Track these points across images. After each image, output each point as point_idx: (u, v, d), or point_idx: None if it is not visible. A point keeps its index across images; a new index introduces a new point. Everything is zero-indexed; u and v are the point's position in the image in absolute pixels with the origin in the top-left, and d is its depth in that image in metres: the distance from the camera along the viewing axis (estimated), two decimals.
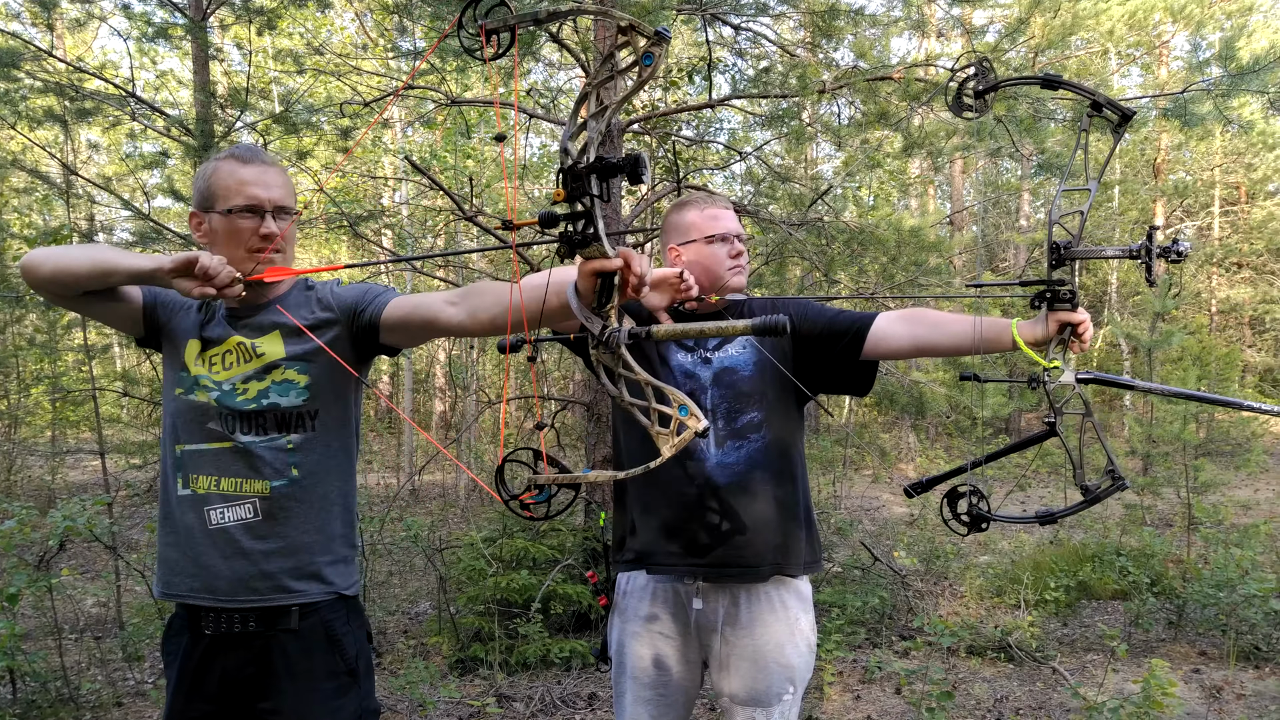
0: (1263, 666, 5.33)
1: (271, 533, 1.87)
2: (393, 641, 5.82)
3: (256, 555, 1.85)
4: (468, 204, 5.77)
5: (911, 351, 2.25)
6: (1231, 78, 5.20)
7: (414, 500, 11.50)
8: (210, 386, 1.89)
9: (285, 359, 1.90)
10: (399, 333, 1.92)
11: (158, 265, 1.76)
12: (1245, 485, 12.37)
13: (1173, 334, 7.27)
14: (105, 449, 6.37)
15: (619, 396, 1.54)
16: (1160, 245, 1.71)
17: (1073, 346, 1.90)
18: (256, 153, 1.90)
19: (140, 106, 6.52)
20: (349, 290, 1.98)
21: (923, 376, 6.79)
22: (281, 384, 1.89)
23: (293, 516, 1.89)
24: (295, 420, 1.89)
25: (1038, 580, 6.51)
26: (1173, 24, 15.04)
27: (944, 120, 6.10)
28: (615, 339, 1.50)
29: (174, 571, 1.91)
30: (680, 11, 5.61)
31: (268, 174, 1.88)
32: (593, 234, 1.45)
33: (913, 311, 2.25)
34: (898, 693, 4.89)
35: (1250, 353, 23.05)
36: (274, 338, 1.91)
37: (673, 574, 2.25)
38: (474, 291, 1.82)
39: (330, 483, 1.95)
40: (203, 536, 1.86)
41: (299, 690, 1.87)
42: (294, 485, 1.89)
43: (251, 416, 1.88)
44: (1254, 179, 22.43)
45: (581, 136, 1.47)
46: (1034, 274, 13.34)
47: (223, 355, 1.91)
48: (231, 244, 1.86)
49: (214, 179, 1.87)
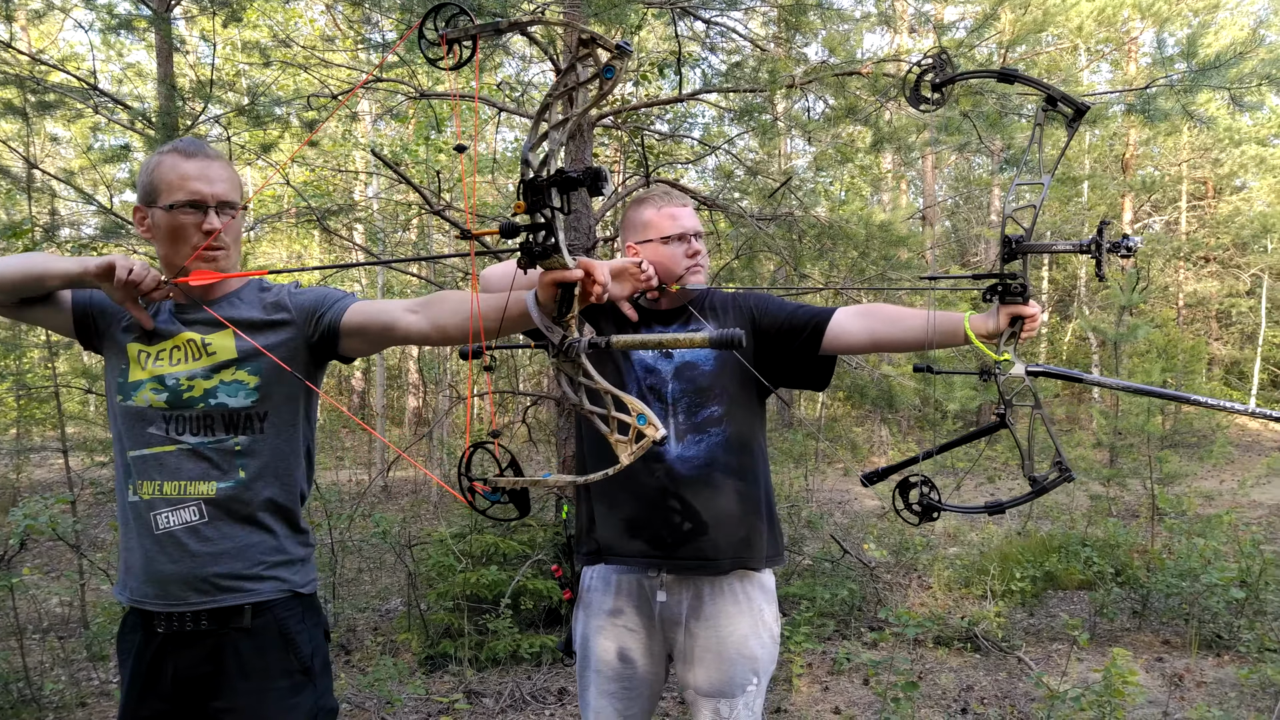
0: (1223, 654, 5.42)
1: (219, 534, 1.84)
2: (362, 639, 5.78)
3: (204, 558, 1.83)
4: (436, 199, 5.73)
5: (869, 346, 2.27)
6: (1194, 74, 5.26)
7: (386, 497, 11.44)
8: (156, 386, 1.86)
9: (236, 359, 1.87)
10: (357, 339, 1.91)
11: (84, 268, 1.75)
12: (1211, 476, 12.56)
13: (1139, 327, 7.34)
14: (69, 446, 6.27)
15: (579, 404, 1.55)
16: (1111, 240, 1.73)
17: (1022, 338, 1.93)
18: (200, 146, 1.87)
19: (103, 99, 6.43)
20: (307, 294, 1.95)
21: (892, 371, 6.83)
22: (231, 384, 1.86)
23: (240, 518, 1.86)
24: (244, 422, 1.86)
25: (1005, 571, 6.58)
26: (1141, 20, 15.20)
27: (913, 116, 6.13)
28: (575, 348, 1.52)
29: (129, 574, 1.89)
30: (650, 5, 5.61)
31: (211, 168, 1.85)
32: (553, 245, 1.47)
33: (870, 307, 2.27)
34: (866, 684, 4.92)
35: (1216, 345, 23.38)
36: (226, 335, 1.88)
37: (635, 567, 2.26)
38: (435, 300, 1.82)
39: (280, 484, 1.92)
40: (151, 542, 1.84)
41: (252, 689, 1.85)
42: (241, 487, 1.86)
43: (199, 418, 1.85)
44: (1220, 174, 22.74)
45: (542, 147, 1.48)
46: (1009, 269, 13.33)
47: (170, 350, 1.88)
48: (173, 240, 1.83)
49: (156, 173, 1.83)
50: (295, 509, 1.97)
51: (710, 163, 8.11)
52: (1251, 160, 21.17)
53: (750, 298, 2.41)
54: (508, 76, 9.52)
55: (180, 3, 6.19)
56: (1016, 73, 1.95)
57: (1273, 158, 21.06)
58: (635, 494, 2.23)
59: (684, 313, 2.35)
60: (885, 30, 15.65)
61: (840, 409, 17.71)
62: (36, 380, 7.84)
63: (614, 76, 1.47)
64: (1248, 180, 23.04)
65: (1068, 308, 23.58)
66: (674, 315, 2.36)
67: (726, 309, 2.37)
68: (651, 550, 2.22)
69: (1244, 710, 4.49)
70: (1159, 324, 14.59)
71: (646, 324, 2.34)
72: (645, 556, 2.23)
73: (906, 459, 2.06)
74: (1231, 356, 23.82)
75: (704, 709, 2.25)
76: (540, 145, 1.48)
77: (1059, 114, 1.92)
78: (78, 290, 1.92)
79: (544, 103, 1.50)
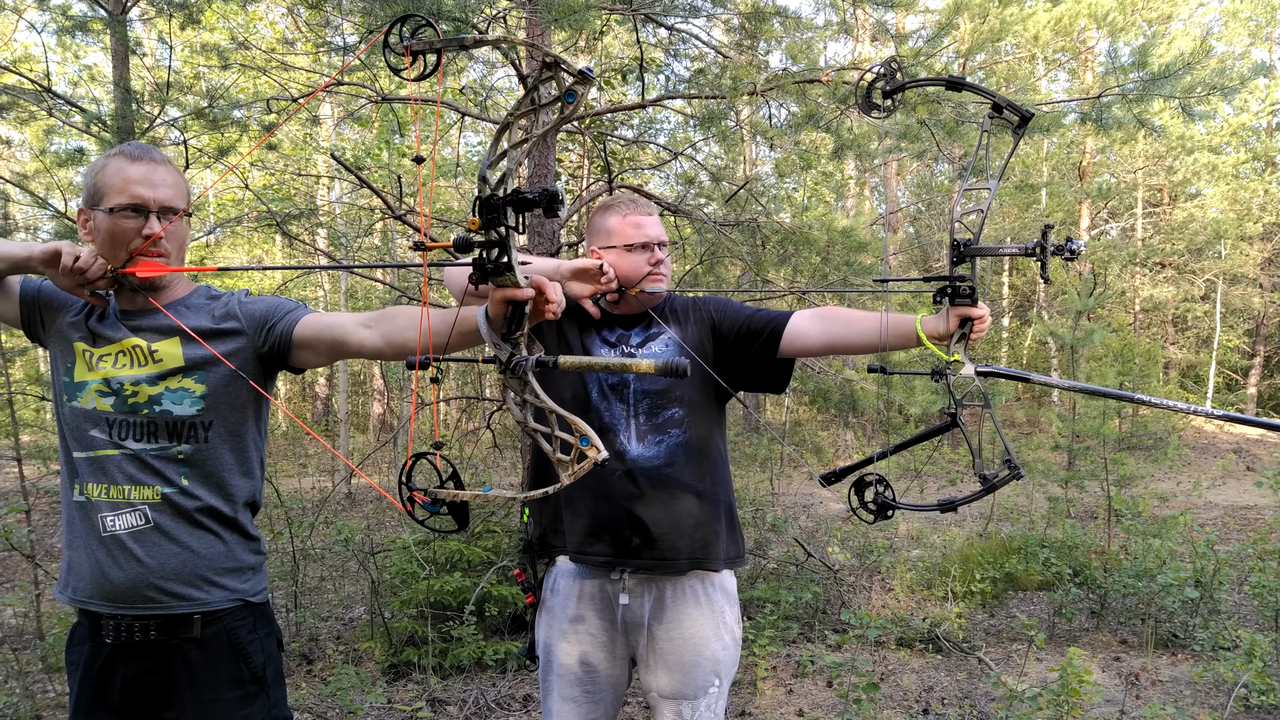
0: (1178, 653, 5.52)
1: (165, 540, 1.82)
2: (324, 648, 5.72)
3: (150, 564, 1.81)
4: (398, 203, 5.70)
5: (825, 349, 2.30)
6: (1146, 83, 5.37)
7: (350, 504, 11.33)
8: (102, 389, 1.84)
9: (183, 367, 1.85)
10: (308, 351, 1.90)
11: (29, 253, 1.74)
12: (1168, 478, 12.77)
13: (1094, 331, 7.48)
14: (23, 455, 6.15)
15: (524, 422, 1.57)
16: (1055, 243, 1.77)
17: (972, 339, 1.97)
18: (147, 150, 1.85)
19: (58, 102, 6.32)
20: (258, 303, 1.94)
21: (854, 375, 6.89)
22: (176, 391, 1.84)
23: (186, 525, 1.85)
24: (187, 430, 1.85)
25: (966, 573, 6.65)
26: (1097, 30, 15.49)
27: (873, 123, 6.20)
28: (523, 366, 1.54)
29: (74, 574, 1.86)
30: (613, 12, 5.62)
31: (156, 172, 1.83)
32: (505, 263, 1.50)
33: (826, 310, 2.31)
34: (829, 686, 4.96)
35: (1172, 349, 23.83)
36: (173, 343, 1.86)
37: (598, 569, 2.27)
38: (387, 316, 1.83)
39: (226, 491, 1.91)
40: (97, 544, 1.82)
41: (202, 700, 1.84)
42: (185, 495, 1.85)
43: (143, 424, 1.83)
44: (1175, 181, 23.19)
45: (500, 166, 1.49)
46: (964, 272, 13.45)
47: (115, 355, 1.86)
48: (113, 243, 1.80)
49: (101, 175, 1.81)
50: (243, 517, 1.95)
51: (675, 168, 8.14)
52: (1204, 168, 21.64)
53: (710, 303, 2.43)
54: (471, 81, 9.51)
55: (137, 4, 6.11)
56: (963, 81, 1.98)
57: (1224, 165, 21.54)
58: (596, 494, 2.24)
59: (645, 317, 2.37)
60: (846, 39, 15.83)
61: (804, 413, 17.82)
62: None
63: (575, 101, 1.50)
64: (1201, 187, 23.54)
65: (1027, 313, 23.92)
66: (635, 320, 2.37)
67: (687, 314, 2.39)
68: (612, 551, 2.23)
69: (1198, 708, 4.58)
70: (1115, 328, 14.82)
71: (609, 326, 2.36)
72: (606, 557, 2.24)
73: (863, 459, 2.09)
74: (1187, 360, 24.29)
75: (666, 712, 2.26)
76: (499, 163, 1.49)
77: (1005, 121, 1.96)
78: (27, 280, 1.91)
79: (505, 121, 1.52)
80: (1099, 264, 20.97)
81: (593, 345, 2.33)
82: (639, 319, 2.38)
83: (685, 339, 2.31)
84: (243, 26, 12.27)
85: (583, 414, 2.22)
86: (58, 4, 6.79)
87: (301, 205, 10.12)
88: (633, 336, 2.35)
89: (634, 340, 2.34)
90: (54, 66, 11.54)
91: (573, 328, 2.35)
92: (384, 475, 11.87)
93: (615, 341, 2.34)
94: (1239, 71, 7.08)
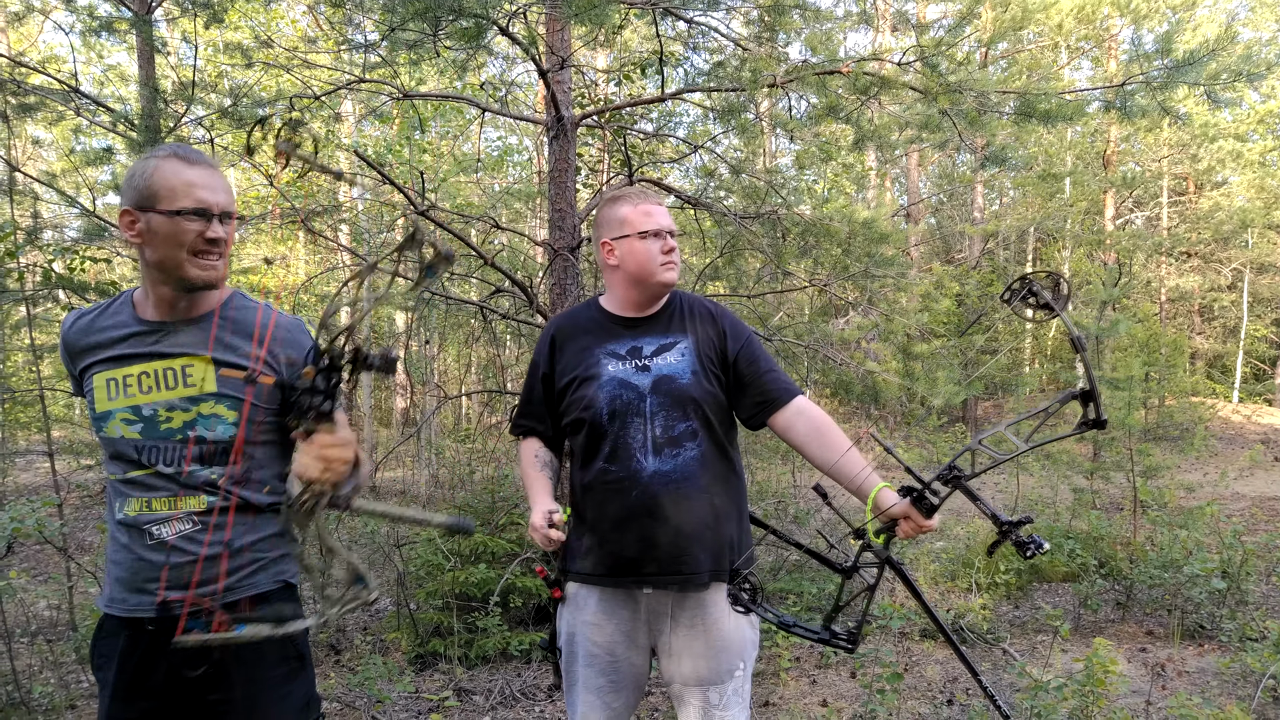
0: (1205, 644, 5.49)
1: (212, 539, 1.86)
2: (351, 638, 5.79)
3: (202, 565, 1.85)
4: (421, 199, 5.74)
5: (798, 449, 2.34)
6: (1169, 70, 5.32)
7: (375, 496, 11.39)
8: (129, 416, 1.87)
9: (215, 394, 1.88)
10: None
11: None
12: (1194, 469, 12.68)
13: (1119, 322, 7.43)
14: (55, 450, 6.25)
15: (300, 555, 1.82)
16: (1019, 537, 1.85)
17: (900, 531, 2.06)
18: (199, 154, 1.87)
19: (85, 102, 6.40)
20: (290, 344, 1.97)
21: (876, 367, 6.88)
22: (209, 417, 1.87)
23: (229, 525, 1.88)
24: (220, 454, 1.88)
25: (990, 564, 6.63)
26: (1120, 17, 15.33)
27: (894, 114, 6.17)
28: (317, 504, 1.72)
29: (121, 588, 1.89)
30: (632, 5, 5.63)
31: (214, 178, 1.85)
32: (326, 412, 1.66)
33: (823, 422, 2.30)
34: (853, 676, 4.97)
35: (1199, 340, 23.60)
36: (206, 365, 1.88)
37: (615, 585, 2.29)
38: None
39: (268, 488, 1.94)
40: (144, 550, 1.85)
41: (251, 678, 1.88)
42: (226, 502, 1.88)
43: (174, 449, 1.86)
44: (1200, 169, 22.93)
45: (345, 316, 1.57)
46: (987, 263, 13.54)
47: (139, 377, 1.88)
48: (171, 245, 1.81)
49: (156, 177, 1.81)
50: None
51: (695, 161, 8.14)
52: (1229, 155, 21.37)
53: (726, 321, 2.42)
54: (491, 77, 9.53)
55: (161, 4, 6.18)
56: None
57: (1249, 153, 21.26)
58: (612, 510, 2.25)
59: (659, 321, 2.38)
60: (867, 29, 15.73)
61: (826, 405, 17.76)
62: (21, 384, 7.81)
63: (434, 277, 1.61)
64: (1227, 175, 23.25)
65: None
66: (650, 321, 2.39)
67: (702, 318, 2.41)
68: (629, 568, 2.25)
69: (1225, 699, 4.55)
70: (1141, 319, 14.70)
71: (618, 338, 2.36)
72: (623, 575, 2.26)
73: None
74: (1214, 351, 24.05)
75: (693, 699, 2.28)
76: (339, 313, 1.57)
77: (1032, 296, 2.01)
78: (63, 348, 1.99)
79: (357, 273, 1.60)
80: (1124, 253, 20.79)
81: (600, 363, 2.33)
82: (654, 321, 2.39)
83: (698, 344, 2.33)
84: (265, 25, 12.37)
85: (596, 436, 2.27)
86: (84, 4, 6.88)
87: (325, 202, 10.18)
88: (645, 348, 2.34)
89: (648, 350, 2.33)
90: (80, 66, 11.67)
91: (582, 343, 2.37)
92: (408, 469, 11.96)
93: (626, 355, 2.33)
94: (1265, 58, 6.98)
